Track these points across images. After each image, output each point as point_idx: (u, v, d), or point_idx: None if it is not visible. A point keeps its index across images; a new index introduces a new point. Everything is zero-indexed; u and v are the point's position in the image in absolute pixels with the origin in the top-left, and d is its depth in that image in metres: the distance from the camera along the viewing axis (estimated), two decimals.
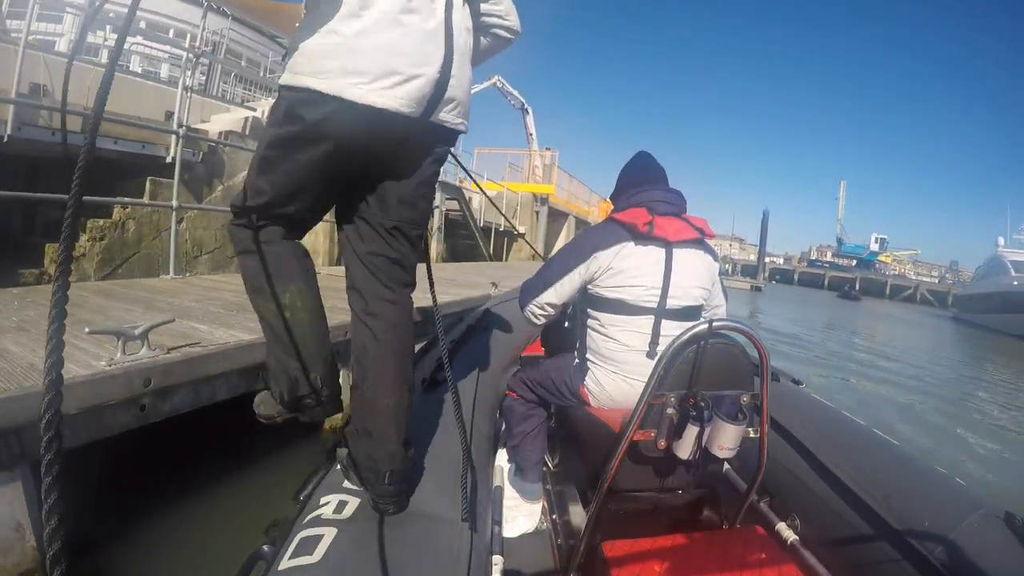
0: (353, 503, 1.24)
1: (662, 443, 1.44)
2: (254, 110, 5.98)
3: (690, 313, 1.70)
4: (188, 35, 5.35)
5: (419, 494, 1.29)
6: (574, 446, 2.05)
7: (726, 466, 1.94)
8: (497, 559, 1.33)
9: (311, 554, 1.04)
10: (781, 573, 1.44)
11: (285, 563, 1.04)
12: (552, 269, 1.78)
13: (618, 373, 1.67)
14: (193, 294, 3.53)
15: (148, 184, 4.58)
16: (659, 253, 1.66)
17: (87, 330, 1.82)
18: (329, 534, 1.10)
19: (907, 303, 48.27)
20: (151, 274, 4.73)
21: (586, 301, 1.77)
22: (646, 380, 1.48)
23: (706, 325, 1.39)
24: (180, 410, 2.11)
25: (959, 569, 1.23)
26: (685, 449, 1.40)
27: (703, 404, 1.40)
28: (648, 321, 1.64)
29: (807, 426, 1.87)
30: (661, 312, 1.64)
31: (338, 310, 3.21)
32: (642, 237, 1.66)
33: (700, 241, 1.73)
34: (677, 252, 1.68)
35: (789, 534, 1.64)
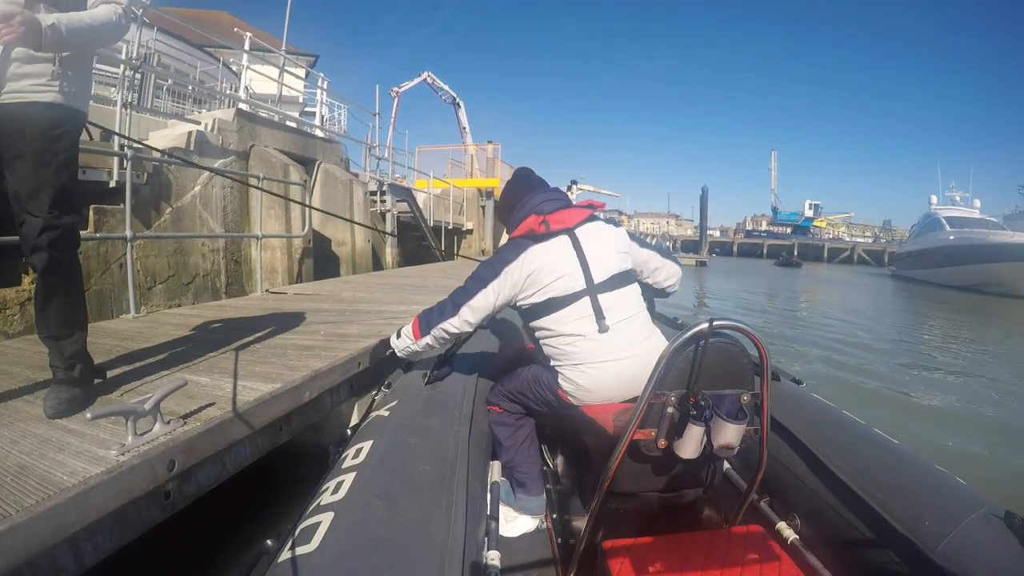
0: (348, 480, 1.22)
1: (662, 442, 1.41)
2: (198, 123, 5.31)
3: (622, 279, 1.72)
4: (123, 47, 4.62)
5: (416, 485, 1.25)
6: (574, 446, 1.98)
7: (726, 465, 1.88)
8: (494, 554, 1.29)
9: (309, 543, 1.01)
10: (781, 572, 1.43)
11: (285, 554, 1.01)
12: (465, 291, 1.77)
13: (584, 363, 1.63)
14: (167, 335, 3.05)
15: (92, 213, 3.96)
16: (564, 241, 1.70)
17: (89, 415, 1.42)
18: (326, 520, 1.08)
19: (845, 265, 48.59)
20: (103, 311, 4.13)
21: (526, 317, 1.77)
22: (613, 357, 1.52)
23: (706, 324, 1.34)
24: (207, 488, 1.75)
25: (959, 568, 1.20)
26: (685, 448, 1.38)
27: (703, 403, 1.38)
28: (585, 303, 1.65)
29: (807, 426, 1.81)
30: (592, 289, 1.66)
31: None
32: (542, 237, 1.69)
33: (594, 217, 1.79)
34: (580, 232, 1.72)
35: (789, 533, 1.62)
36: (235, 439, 1.81)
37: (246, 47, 6.92)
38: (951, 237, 24.90)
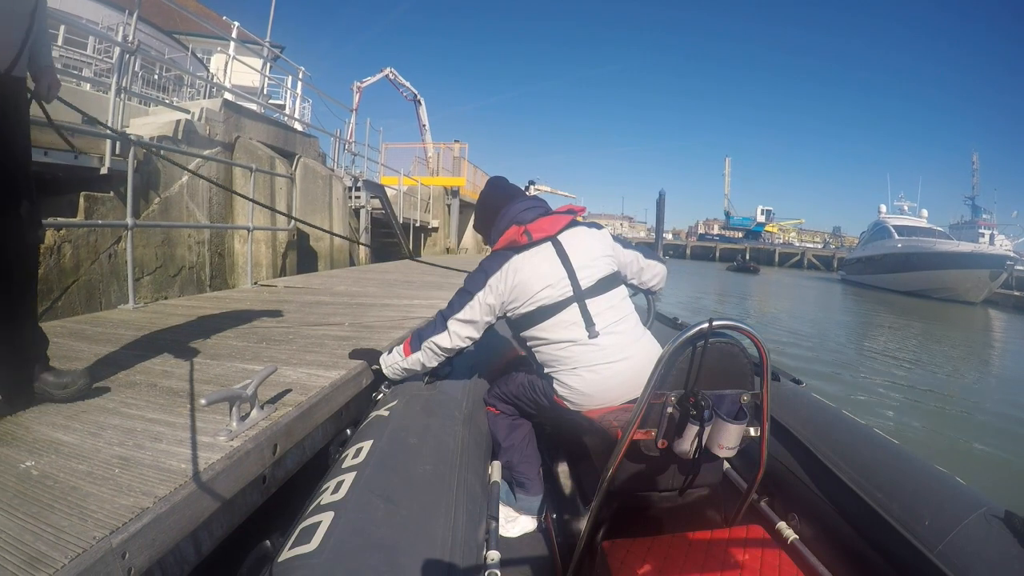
0: (348, 479, 1.19)
1: (662, 442, 1.37)
2: (187, 112, 4.96)
3: (608, 283, 1.67)
4: (119, 30, 4.22)
5: (416, 484, 1.22)
6: (573, 446, 1.95)
7: (726, 465, 1.84)
8: (494, 554, 1.24)
9: (309, 542, 0.98)
10: (781, 572, 1.38)
11: (285, 554, 0.97)
12: (451, 306, 1.72)
13: (579, 367, 1.58)
14: (181, 325, 2.82)
15: (82, 200, 3.62)
16: (548, 249, 1.64)
17: (204, 402, 1.27)
18: (327, 519, 1.04)
19: (795, 269, 47.82)
20: (92, 303, 3.79)
21: (516, 328, 1.71)
22: (608, 360, 1.47)
23: (706, 323, 1.29)
24: (292, 472, 1.64)
25: (959, 568, 1.18)
26: (685, 448, 1.34)
27: (703, 403, 1.33)
28: (573, 309, 1.59)
29: (807, 426, 1.79)
30: (580, 295, 1.60)
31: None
32: (525, 247, 1.64)
33: (576, 222, 1.73)
34: (563, 238, 1.66)
35: (789, 533, 1.58)
36: (318, 423, 1.72)
37: (233, 35, 6.51)
38: (899, 245, 24.86)
